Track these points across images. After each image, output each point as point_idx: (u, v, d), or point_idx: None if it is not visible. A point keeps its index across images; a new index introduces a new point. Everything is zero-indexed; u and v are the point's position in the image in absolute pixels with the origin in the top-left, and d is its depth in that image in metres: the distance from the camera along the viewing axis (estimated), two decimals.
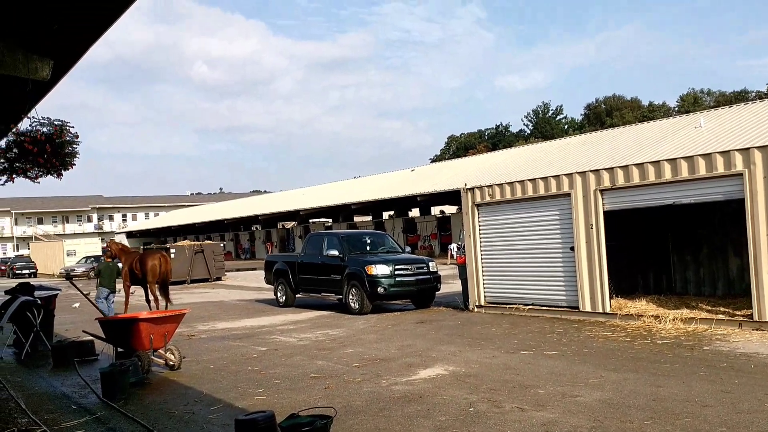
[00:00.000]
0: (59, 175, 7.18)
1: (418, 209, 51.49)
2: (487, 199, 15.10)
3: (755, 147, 10.59)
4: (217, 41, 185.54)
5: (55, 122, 7.15)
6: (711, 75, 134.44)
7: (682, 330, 11.12)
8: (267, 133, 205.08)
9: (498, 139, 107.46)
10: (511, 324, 13.07)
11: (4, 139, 7.50)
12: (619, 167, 12.67)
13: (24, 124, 7.13)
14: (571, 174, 13.46)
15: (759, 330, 10.43)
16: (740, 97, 76.79)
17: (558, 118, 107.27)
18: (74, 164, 7.19)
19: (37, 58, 6.75)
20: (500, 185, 14.90)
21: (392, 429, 6.52)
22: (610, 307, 12.80)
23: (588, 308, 13.01)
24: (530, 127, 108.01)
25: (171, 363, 9.99)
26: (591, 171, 13.10)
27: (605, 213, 12.83)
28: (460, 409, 7.08)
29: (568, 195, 13.33)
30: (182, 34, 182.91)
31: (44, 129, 7.10)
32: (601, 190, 12.81)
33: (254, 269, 40.14)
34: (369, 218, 54.06)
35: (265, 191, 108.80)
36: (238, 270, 41.08)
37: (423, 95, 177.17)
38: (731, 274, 14.28)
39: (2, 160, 7.10)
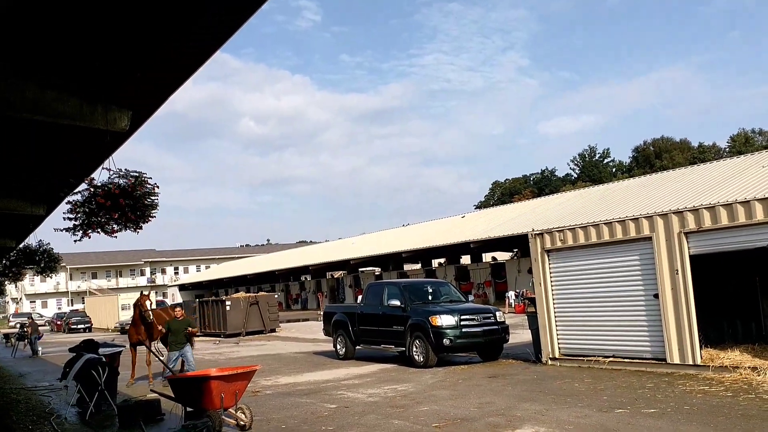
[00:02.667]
0: (137, 228, 6.91)
1: (469, 256, 50.66)
2: (558, 244, 14.42)
3: None
4: (264, 96, 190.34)
5: (132, 174, 6.92)
6: (760, 115, 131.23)
7: None
8: (313, 184, 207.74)
9: (544, 183, 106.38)
10: (594, 378, 12.23)
11: (79, 193, 7.29)
12: (704, 208, 11.93)
13: (101, 176, 6.91)
14: (652, 216, 12.74)
15: None
16: None
17: (605, 161, 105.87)
18: (154, 216, 6.91)
19: (116, 108, 6.58)
20: (572, 229, 14.24)
21: None
22: (702, 358, 11.87)
23: (676, 360, 12.10)
24: (577, 171, 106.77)
25: (242, 423, 9.51)
26: (673, 212, 12.36)
27: (691, 257, 12.04)
28: None
29: (650, 238, 12.58)
30: (231, 89, 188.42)
31: (121, 181, 6.86)
32: (686, 233, 12.04)
33: (306, 320, 39.82)
34: (419, 266, 53.39)
35: (311, 242, 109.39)
36: (289, 321, 40.74)
37: (466, 143, 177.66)
38: None
39: (79, 214, 6.85)
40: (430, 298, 17.24)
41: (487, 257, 50.01)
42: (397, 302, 16.68)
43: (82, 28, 5.11)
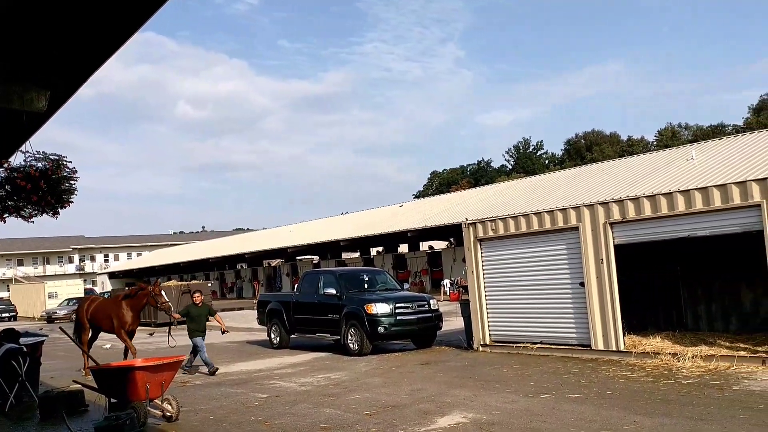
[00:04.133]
0: (55, 213, 6.62)
1: (407, 245, 51.02)
2: (490, 233, 14.67)
3: None
4: (202, 80, 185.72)
5: (51, 157, 6.61)
6: (687, 110, 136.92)
7: (703, 368, 10.65)
8: (252, 171, 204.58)
9: (480, 174, 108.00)
10: (522, 364, 12.53)
11: None
12: (629, 199, 12.33)
13: (18, 159, 6.58)
14: (579, 207, 13.11)
15: None
16: (717, 131, 77.98)
17: (539, 153, 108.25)
18: (72, 202, 6.63)
19: (33, 88, 6.26)
20: (503, 219, 14.50)
21: None
22: (625, 345, 12.33)
23: (601, 346, 12.52)
24: (512, 162, 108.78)
25: (168, 414, 9.30)
26: (599, 203, 12.75)
27: (616, 247, 12.45)
28: None
29: (576, 228, 12.94)
30: (166, 73, 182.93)
31: (39, 164, 6.56)
32: (611, 223, 12.43)
33: (242, 309, 39.29)
34: (357, 255, 53.46)
35: (248, 229, 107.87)
36: (224, 310, 40.04)
37: (406, 132, 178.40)
38: (744, 309, 13.89)
39: None
40: (365, 286, 17.26)
41: (424, 246, 50.49)
42: (332, 290, 16.63)
43: None
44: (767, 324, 12.91)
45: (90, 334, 14.99)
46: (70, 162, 6.67)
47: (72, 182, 6.59)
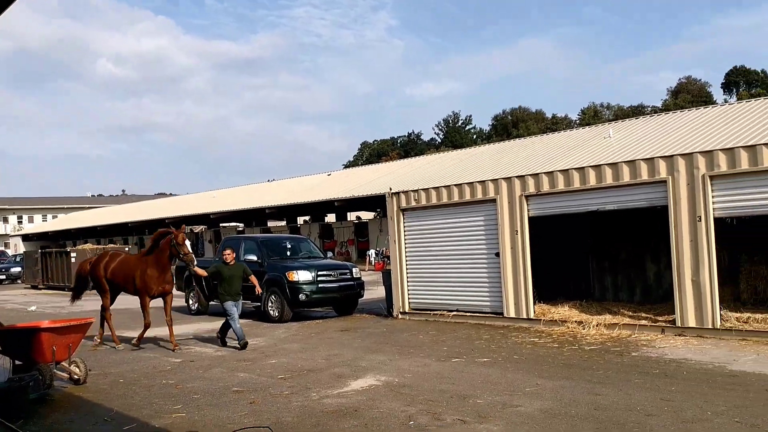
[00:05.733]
0: None
1: (334, 215, 50.94)
2: (413, 203, 14.86)
3: (678, 154, 10.86)
4: (124, 37, 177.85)
5: None
6: (610, 90, 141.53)
7: (606, 336, 11.23)
8: (175, 134, 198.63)
9: (410, 146, 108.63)
10: (438, 330, 12.85)
11: None
12: (544, 173, 12.73)
13: None
14: (497, 180, 13.43)
15: (682, 336, 10.67)
16: (637, 111, 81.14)
17: (467, 128, 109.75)
18: None
19: None
20: (426, 190, 14.71)
21: None
22: (534, 313, 12.82)
23: (512, 314, 12.98)
24: (441, 136, 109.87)
25: (76, 377, 9.07)
26: (516, 177, 13.10)
27: (530, 219, 12.86)
28: (399, 422, 6.69)
29: (494, 201, 13.28)
30: (87, 28, 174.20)
31: None
32: (527, 196, 12.83)
33: None
34: (283, 223, 52.98)
35: (170, 194, 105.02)
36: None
37: (336, 101, 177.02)
38: (648, 280, 14.68)
39: None
40: (288, 253, 17.20)
41: (351, 216, 50.54)
42: (253, 257, 16.47)
43: None
44: (669, 295, 13.65)
45: (110, 298, 13.20)
46: None
47: None
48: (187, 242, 11.83)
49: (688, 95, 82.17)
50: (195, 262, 12.09)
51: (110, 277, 12.71)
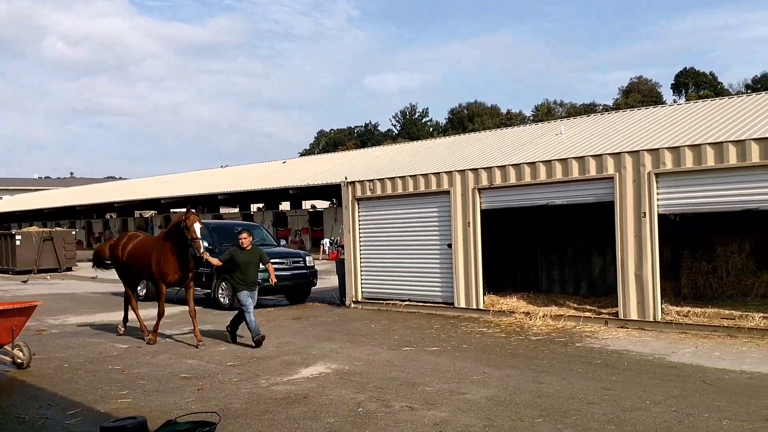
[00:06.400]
0: None
1: (288, 203, 50.62)
2: (368, 193, 14.91)
3: (626, 152, 11.17)
4: (77, 16, 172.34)
5: None
6: (563, 87, 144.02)
7: (552, 326, 11.51)
8: (127, 117, 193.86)
9: (367, 137, 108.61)
10: (390, 320, 12.96)
11: None
12: (497, 167, 12.93)
13: None
14: (451, 172, 13.58)
15: (624, 328, 11.02)
16: (589, 109, 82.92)
17: (424, 120, 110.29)
18: None
19: None
20: (381, 180, 14.77)
21: None
22: (484, 303, 13.05)
23: (463, 304, 13.18)
24: (398, 127, 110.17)
25: (19, 361, 8.86)
26: (470, 169, 13.27)
27: (482, 212, 13.06)
28: (348, 409, 6.75)
29: (448, 193, 13.43)
30: (38, 5, 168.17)
31: None
32: (479, 189, 13.01)
33: None
34: (236, 210, 52.39)
35: (120, 178, 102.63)
36: (90, 260, 38.17)
37: (294, 88, 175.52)
38: (594, 274, 15.09)
39: None
40: None
41: (306, 205, 50.31)
42: (204, 243, 16.18)
43: None
44: (613, 289, 14.06)
45: (132, 283, 12.14)
46: None
47: None
48: (198, 226, 10.60)
49: (639, 95, 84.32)
50: (202, 249, 10.69)
51: (127, 260, 11.55)
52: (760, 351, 9.06)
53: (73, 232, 34.01)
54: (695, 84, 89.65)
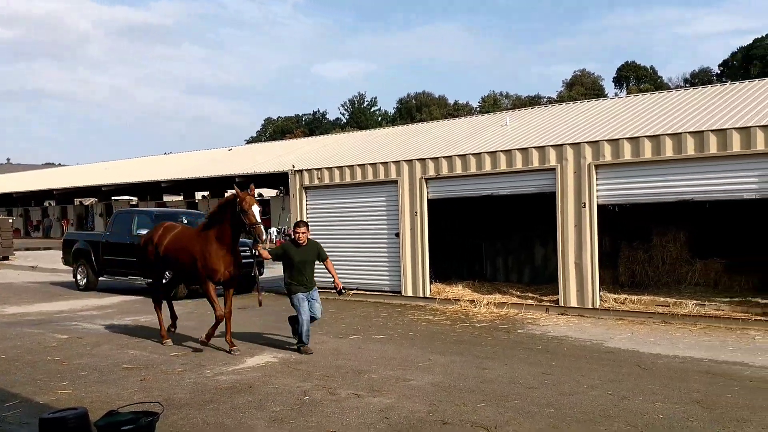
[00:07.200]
0: None
1: (234, 191, 49.87)
2: (316, 182, 14.88)
3: (568, 144, 11.47)
4: None
5: None
6: (509, 79, 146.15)
7: (496, 314, 11.76)
8: (67, 102, 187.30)
9: (315, 125, 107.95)
10: (337, 308, 13.00)
11: None
12: (443, 157, 13.08)
13: None
14: (399, 161, 13.67)
15: (564, 315, 11.36)
16: (534, 101, 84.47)
17: (373, 109, 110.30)
18: None
19: None
20: (329, 169, 14.75)
21: (222, 423, 6.04)
22: (430, 292, 13.23)
23: (410, 293, 13.33)
24: (346, 116, 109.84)
25: None
26: (417, 159, 13.39)
27: (429, 201, 13.20)
28: (294, 398, 6.77)
29: (395, 182, 13.53)
30: None
31: None
32: (426, 179, 13.15)
33: (48, 248, 36.41)
34: (180, 198, 51.40)
35: (59, 164, 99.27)
36: (27, 249, 36.91)
37: (240, 75, 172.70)
38: (536, 263, 15.46)
39: None
40: None
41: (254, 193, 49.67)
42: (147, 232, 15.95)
43: None
44: (555, 277, 14.47)
45: (166, 281, 10.67)
46: None
47: None
48: (257, 209, 8.94)
49: (582, 87, 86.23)
50: (264, 236, 9.02)
51: (165, 255, 9.80)
52: (692, 336, 9.49)
53: (10, 220, 32.73)
54: (636, 78, 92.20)
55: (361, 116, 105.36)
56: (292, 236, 9.31)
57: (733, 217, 13.17)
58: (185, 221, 17.19)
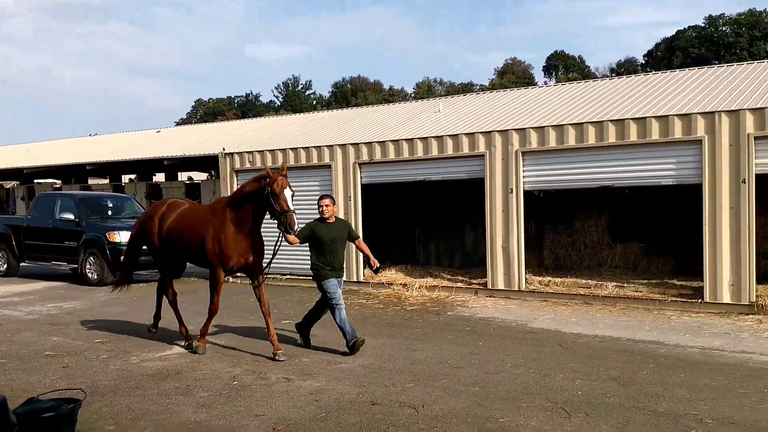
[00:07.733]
0: None
1: (163, 174, 48.63)
2: (247, 165, 14.70)
3: (496, 131, 11.72)
4: None
5: None
6: (443, 66, 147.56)
7: (427, 297, 11.98)
8: None
9: (248, 108, 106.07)
10: (270, 294, 12.62)
11: None
12: (377, 142, 13.15)
13: None
14: (333, 146, 13.66)
15: (492, 297, 11.67)
16: (467, 88, 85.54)
17: (307, 93, 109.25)
18: None
19: None
20: (261, 152, 14.60)
21: (148, 409, 5.96)
22: (364, 276, 13.32)
23: (344, 277, 13.33)
24: (280, 99, 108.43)
25: None
26: (351, 144, 13.41)
27: (363, 186, 13.26)
28: (223, 383, 6.75)
29: (329, 166, 13.52)
30: None
31: None
32: (360, 164, 13.20)
33: None
34: (106, 181, 49.63)
35: None
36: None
37: (170, 55, 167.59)
38: (467, 247, 15.78)
39: None
40: (109, 213, 16.31)
41: (183, 176, 48.52)
42: (70, 216, 15.45)
43: None
44: (484, 261, 14.86)
45: (170, 268, 9.17)
46: None
47: None
48: (289, 193, 7.76)
49: (513, 76, 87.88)
50: (296, 226, 7.83)
51: (167, 236, 8.55)
52: (611, 317, 9.93)
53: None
54: (564, 67, 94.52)
55: (295, 100, 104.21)
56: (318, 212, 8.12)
57: (652, 203, 13.80)
58: (110, 205, 16.74)
